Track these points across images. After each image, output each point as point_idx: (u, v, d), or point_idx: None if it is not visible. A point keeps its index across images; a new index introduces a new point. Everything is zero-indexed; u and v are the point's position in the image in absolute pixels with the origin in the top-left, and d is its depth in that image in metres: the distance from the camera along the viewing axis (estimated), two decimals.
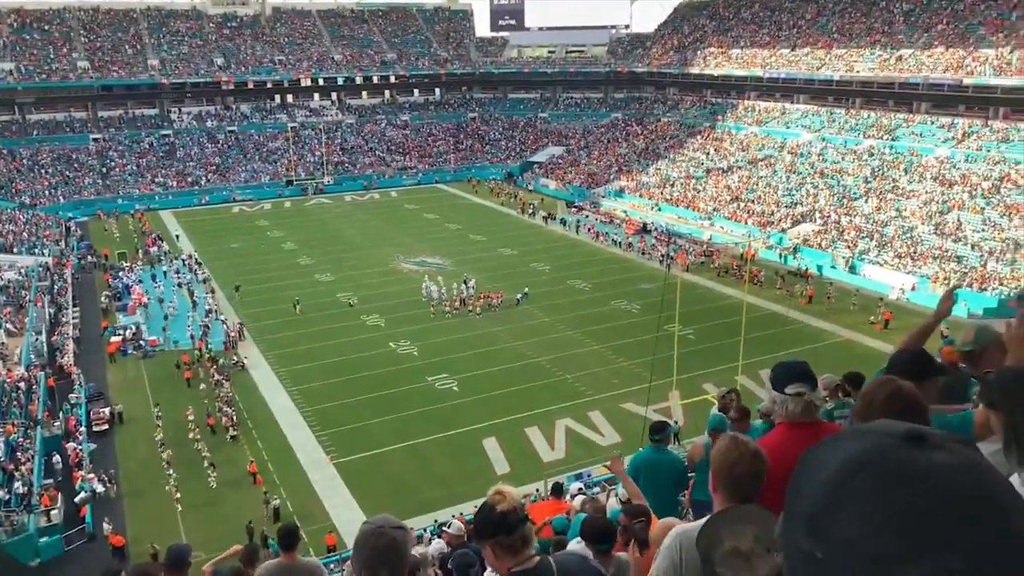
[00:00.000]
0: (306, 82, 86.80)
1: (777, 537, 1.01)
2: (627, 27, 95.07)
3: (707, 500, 6.87)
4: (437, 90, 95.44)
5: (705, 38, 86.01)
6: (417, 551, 7.42)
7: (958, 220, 47.93)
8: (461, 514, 19.96)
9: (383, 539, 2.61)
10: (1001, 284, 40.93)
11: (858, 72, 66.52)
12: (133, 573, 6.16)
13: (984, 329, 3.72)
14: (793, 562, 0.95)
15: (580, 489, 16.17)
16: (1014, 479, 2.53)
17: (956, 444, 0.94)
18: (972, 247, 45.03)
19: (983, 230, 46.28)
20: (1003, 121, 56.11)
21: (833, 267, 47.98)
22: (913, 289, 43.08)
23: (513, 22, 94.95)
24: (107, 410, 31.26)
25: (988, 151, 53.66)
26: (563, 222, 62.62)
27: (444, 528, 12.33)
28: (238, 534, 22.57)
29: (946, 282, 42.23)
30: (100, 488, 26.03)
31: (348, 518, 24.19)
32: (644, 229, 58.54)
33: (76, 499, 25.45)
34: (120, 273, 49.18)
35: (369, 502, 24.76)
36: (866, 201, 54.13)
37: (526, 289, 44.57)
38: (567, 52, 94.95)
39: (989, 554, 0.84)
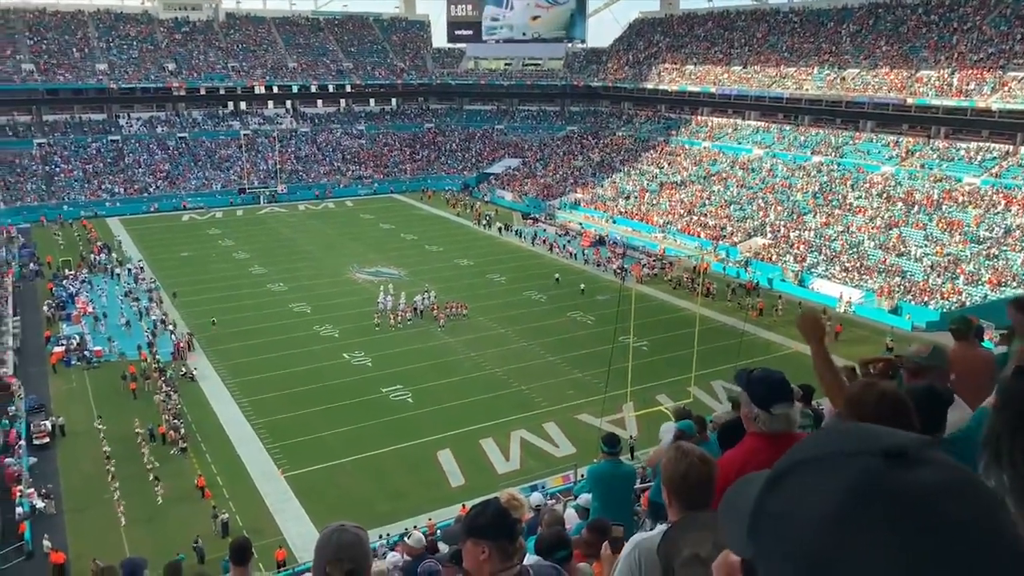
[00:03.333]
0: (260, 89, 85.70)
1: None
2: (583, 42, 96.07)
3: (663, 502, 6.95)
4: (393, 100, 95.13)
5: (660, 54, 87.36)
6: (376, 565, 7.31)
7: (901, 235, 49.37)
8: (416, 526, 19.80)
9: (347, 535, 2.63)
10: (943, 298, 42.26)
11: (807, 91, 68.22)
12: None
13: (939, 350, 3.89)
14: None
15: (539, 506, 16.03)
16: None
17: (933, 453, 0.90)
18: (915, 261, 46.43)
19: (925, 245, 47.74)
20: (944, 140, 58.08)
21: (783, 280, 48.96)
22: (850, 302, 44.21)
23: (470, 33, 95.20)
24: (48, 423, 30.25)
25: (930, 169, 55.45)
26: (518, 233, 62.83)
27: (404, 539, 12.17)
28: (184, 550, 22.05)
29: (891, 296, 43.46)
30: (40, 504, 25.16)
31: (299, 532, 23.83)
32: (600, 241, 59.07)
33: (15, 515, 24.57)
34: (64, 282, 47.84)
35: (321, 515, 24.38)
36: (814, 216, 55.45)
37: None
38: (524, 65, 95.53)
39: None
